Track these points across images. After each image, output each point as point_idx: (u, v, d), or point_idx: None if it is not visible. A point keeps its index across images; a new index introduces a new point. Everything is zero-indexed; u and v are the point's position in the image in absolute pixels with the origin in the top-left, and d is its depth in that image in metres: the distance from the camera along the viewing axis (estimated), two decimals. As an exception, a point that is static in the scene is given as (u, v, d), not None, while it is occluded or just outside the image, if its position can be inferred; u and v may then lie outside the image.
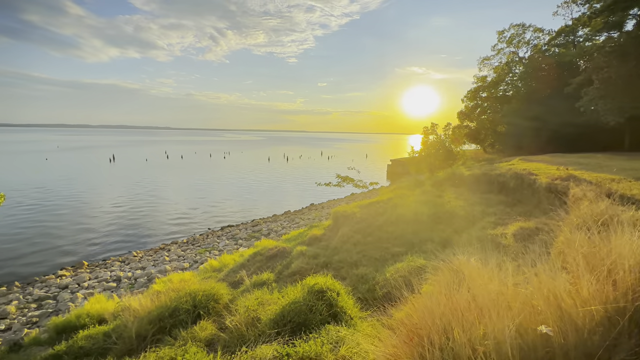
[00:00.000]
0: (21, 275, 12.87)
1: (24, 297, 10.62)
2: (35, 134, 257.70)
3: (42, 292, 10.82)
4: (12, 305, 9.86)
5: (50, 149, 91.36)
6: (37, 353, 7.04)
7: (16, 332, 8.46)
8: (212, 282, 7.18)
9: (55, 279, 12.14)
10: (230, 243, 15.90)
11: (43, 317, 9.29)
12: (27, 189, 31.25)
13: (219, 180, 40.51)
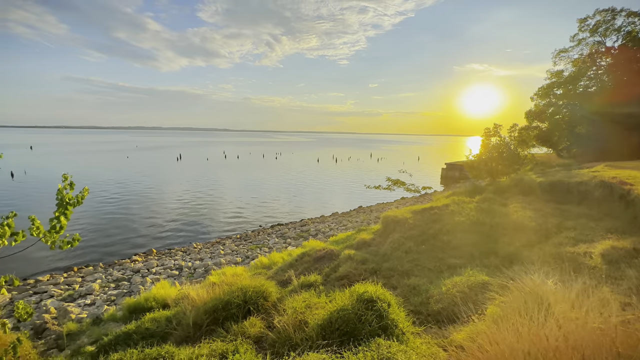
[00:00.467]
0: (104, 258, 14.89)
1: (105, 277, 12.23)
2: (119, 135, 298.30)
3: (119, 274, 12.34)
4: (96, 283, 11.40)
5: (130, 148, 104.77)
6: (113, 328, 7.97)
7: (98, 307, 9.72)
8: (261, 279, 7.39)
9: (130, 263, 13.79)
10: (280, 241, 16.37)
11: (119, 296, 10.54)
12: (112, 183, 36.18)
13: (270, 179, 42.26)
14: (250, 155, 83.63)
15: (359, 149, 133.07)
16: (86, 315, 9.26)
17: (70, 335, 8.12)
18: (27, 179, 37.61)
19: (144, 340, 5.83)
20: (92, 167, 52.43)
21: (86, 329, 8.23)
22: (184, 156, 74.75)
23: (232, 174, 46.88)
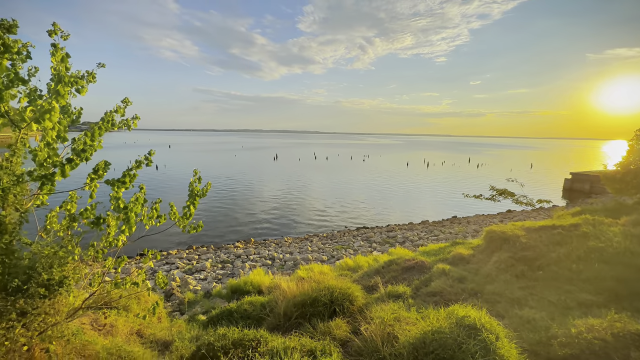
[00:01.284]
0: (214, 241, 17.53)
1: (215, 258, 14.33)
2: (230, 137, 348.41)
3: (225, 256, 14.31)
4: (208, 262, 13.47)
5: (237, 148, 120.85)
6: (219, 304, 9.20)
7: (209, 283, 11.43)
8: (347, 281, 7.37)
9: (233, 248, 15.84)
10: (365, 245, 16.21)
11: (224, 276, 12.18)
12: (222, 177, 42.43)
13: (357, 181, 42.42)
14: (339, 157, 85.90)
15: (455, 152, 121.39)
16: (200, 288, 11.00)
17: (189, 303, 9.77)
18: (166, 171, 47.46)
19: (242, 320, 6.50)
20: (208, 162, 62.69)
21: (199, 299, 9.77)
22: (279, 156, 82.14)
23: (321, 174, 48.99)
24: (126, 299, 6.07)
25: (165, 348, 5.54)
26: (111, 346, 4.28)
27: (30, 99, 2.79)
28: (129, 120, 3.56)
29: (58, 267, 2.34)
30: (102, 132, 3.33)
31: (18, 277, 2.19)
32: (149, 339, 5.79)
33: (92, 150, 2.92)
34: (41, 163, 2.93)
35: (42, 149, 2.97)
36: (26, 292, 2.22)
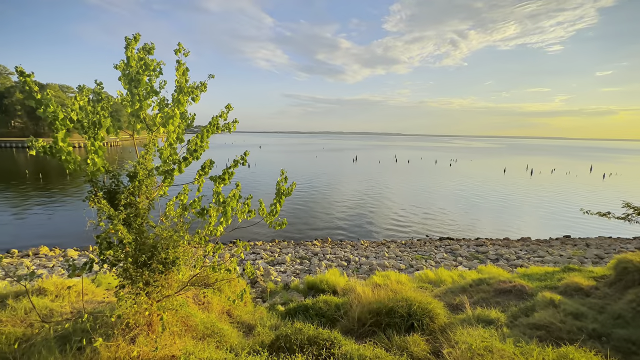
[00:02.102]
0: (294, 237, 18.59)
1: (294, 253, 15.17)
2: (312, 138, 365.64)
3: (303, 252, 15.01)
4: (288, 256, 14.33)
5: (319, 149, 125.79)
6: (296, 297, 9.65)
7: (288, 276, 12.14)
8: (427, 295, 6.83)
9: (311, 246, 16.49)
10: (449, 257, 14.80)
11: (302, 272, 12.76)
12: (304, 176, 44.75)
13: (441, 187, 39.19)
14: (422, 160, 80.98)
15: (570, 158, 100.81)
16: (280, 279, 11.78)
17: (270, 292, 10.55)
18: (256, 169, 52.67)
19: (317, 318, 6.65)
20: (292, 162, 67.01)
21: (279, 291, 10.46)
22: (359, 158, 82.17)
23: (401, 178, 46.97)
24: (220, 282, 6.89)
25: (249, 331, 6.08)
26: (207, 321, 4.91)
27: (160, 107, 3.39)
28: (230, 123, 4.00)
29: (173, 249, 2.77)
30: (209, 135, 3.83)
31: (145, 254, 2.68)
32: (236, 319, 6.44)
33: (202, 150, 3.38)
34: (165, 160, 3.53)
35: (166, 148, 3.57)
36: (149, 266, 2.70)
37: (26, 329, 3.49)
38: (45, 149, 2.87)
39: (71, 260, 2.83)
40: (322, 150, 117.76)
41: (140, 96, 3.05)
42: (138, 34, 3.02)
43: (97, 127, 2.75)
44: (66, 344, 3.12)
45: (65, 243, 16.92)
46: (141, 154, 3.19)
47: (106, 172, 2.83)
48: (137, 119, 3.12)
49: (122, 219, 2.63)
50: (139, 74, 2.99)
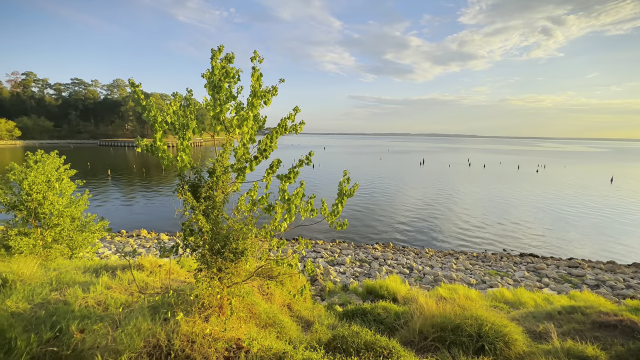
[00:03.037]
0: (354, 239, 18.48)
1: (354, 255, 15.08)
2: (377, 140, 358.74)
3: (363, 255, 14.82)
4: (347, 257, 14.33)
5: (383, 151, 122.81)
6: (354, 300, 9.58)
7: (347, 277, 12.14)
8: (502, 316, 6.09)
9: (372, 249, 16.18)
10: (531, 277, 12.93)
11: (361, 274, 12.62)
12: (367, 178, 44.18)
13: (524, 197, 34.44)
14: (500, 165, 72.46)
15: None
16: (339, 280, 11.85)
17: (329, 292, 10.69)
18: (320, 170, 54.00)
19: (375, 324, 6.49)
20: (355, 164, 66.77)
21: (338, 291, 10.52)
22: (426, 161, 77.62)
23: (474, 185, 42.78)
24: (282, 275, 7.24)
25: (307, 326, 6.24)
26: (269, 311, 5.20)
27: (236, 110, 3.73)
28: (297, 125, 4.17)
29: (242, 240, 3.02)
30: (277, 135, 4.06)
31: (219, 243, 2.98)
32: (295, 313, 6.69)
33: (271, 150, 3.60)
34: (239, 159, 3.86)
35: (240, 148, 3.90)
36: (222, 254, 2.99)
37: (128, 297, 4.19)
38: (147, 147, 3.41)
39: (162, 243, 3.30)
40: (386, 153, 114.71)
41: (221, 101, 3.41)
42: (222, 45, 3.38)
43: (185, 129, 3.17)
44: (156, 314, 3.64)
45: (159, 227, 19.86)
46: (219, 153, 3.55)
47: (191, 168, 3.24)
48: (218, 122, 3.50)
49: (202, 210, 2.98)
50: (221, 81, 3.35)
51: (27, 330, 3.00)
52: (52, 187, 8.75)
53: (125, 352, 2.65)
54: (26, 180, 8.26)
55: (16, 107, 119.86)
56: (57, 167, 9.15)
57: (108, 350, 2.71)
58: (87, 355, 2.70)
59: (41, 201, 8.47)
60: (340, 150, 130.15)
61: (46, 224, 8.71)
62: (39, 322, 3.20)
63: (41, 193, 8.46)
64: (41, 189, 8.47)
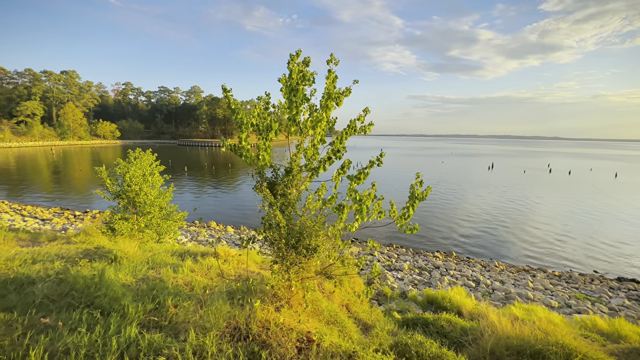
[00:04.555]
0: (413, 246, 17.67)
1: (412, 261, 14.44)
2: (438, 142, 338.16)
3: (423, 263, 14.09)
4: (406, 264, 13.78)
5: (446, 154, 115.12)
6: (413, 308, 9.19)
7: (405, 284, 11.68)
8: (596, 348, 5.26)
9: (432, 257, 15.30)
10: (634, 306, 10.82)
11: (420, 283, 12.02)
12: (426, 182, 41.92)
13: (622, 211, 28.94)
14: (591, 173, 62.04)
15: None
16: (397, 286, 11.46)
17: (385, 296, 10.43)
18: (378, 171, 52.87)
19: (438, 337, 6.13)
20: (414, 166, 63.83)
21: (395, 297, 10.20)
22: (496, 165, 70.43)
23: (556, 194, 37.39)
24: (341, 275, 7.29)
25: (365, 329, 6.18)
26: (331, 309, 5.29)
27: (310, 112, 3.88)
28: (366, 126, 4.17)
29: (315, 237, 3.13)
30: (347, 137, 4.11)
31: (294, 238, 3.14)
32: (353, 314, 6.68)
33: (345, 150, 3.67)
34: (309, 159, 4.01)
35: (309, 148, 4.05)
36: (297, 249, 3.14)
37: (208, 281, 4.67)
38: (232, 146, 3.75)
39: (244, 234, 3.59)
40: (449, 155, 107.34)
41: (297, 103, 3.59)
42: (299, 50, 3.56)
43: (269, 130, 3.42)
44: (232, 299, 3.98)
45: (226, 220, 21.67)
46: (293, 153, 3.73)
47: (270, 167, 3.48)
48: (294, 123, 3.69)
49: (279, 206, 3.17)
50: (298, 84, 3.53)
51: (135, 300, 3.55)
52: (146, 180, 10.20)
53: (212, 330, 2.96)
54: (128, 174, 9.77)
55: (117, 112, 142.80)
56: (150, 163, 10.64)
57: (197, 326, 3.06)
58: (181, 328, 3.08)
59: (138, 192, 9.93)
60: (398, 151, 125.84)
61: (140, 211, 10.18)
62: (143, 295, 3.76)
63: (138, 185, 9.92)
64: (138, 181, 9.94)
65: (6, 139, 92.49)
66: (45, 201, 27.52)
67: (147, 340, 2.71)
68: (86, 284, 3.75)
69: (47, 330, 2.89)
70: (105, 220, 9.93)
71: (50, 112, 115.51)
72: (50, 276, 4.16)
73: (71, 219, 20.35)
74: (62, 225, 18.35)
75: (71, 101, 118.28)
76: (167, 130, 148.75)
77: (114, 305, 3.36)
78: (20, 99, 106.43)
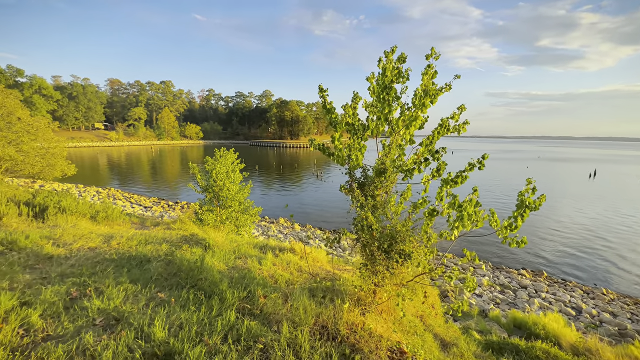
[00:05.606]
0: (491, 259, 15.84)
1: (492, 277, 12.94)
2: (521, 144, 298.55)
3: (505, 280, 12.50)
4: (485, 279, 12.41)
5: (532, 157, 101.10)
6: (496, 330, 8.21)
7: (484, 302, 10.52)
8: None
9: (517, 275, 13.48)
10: None
11: (503, 302, 10.68)
12: (504, 189, 37.30)
13: None
14: None
15: None
16: (474, 302, 10.39)
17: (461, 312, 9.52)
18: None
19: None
20: (491, 170, 57.43)
21: (474, 315, 9.23)
22: (599, 173, 59.04)
23: (692, 211, 29.55)
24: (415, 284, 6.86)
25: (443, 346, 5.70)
26: (410, 319, 5.01)
27: (401, 110, 3.69)
28: (460, 125, 3.80)
29: (408, 243, 2.95)
30: (438, 137, 3.80)
31: (386, 242, 3.01)
32: (428, 328, 6.23)
33: (444, 152, 3.40)
34: (392, 159, 3.82)
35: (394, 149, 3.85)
36: (388, 254, 3.00)
37: (289, 275, 4.83)
38: (319, 145, 3.79)
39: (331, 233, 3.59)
40: (536, 160, 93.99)
41: (390, 102, 3.46)
42: (395, 46, 3.42)
43: (365, 129, 3.37)
44: (314, 296, 4.03)
45: (294, 218, 22.59)
46: (382, 153, 3.59)
47: (360, 167, 3.42)
48: (385, 122, 3.56)
49: (370, 207, 3.08)
50: (392, 81, 3.39)
51: (230, 286, 3.85)
52: (229, 177, 11.19)
53: (301, 325, 3.01)
54: (214, 170, 10.85)
55: (201, 115, 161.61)
56: (232, 161, 11.64)
57: (287, 319, 3.15)
58: (272, 319, 3.21)
59: (222, 187, 10.95)
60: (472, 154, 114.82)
61: (223, 204, 11.20)
62: (235, 282, 4.06)
63: (222, 180, 10.94)
64: (222, 177, 10.96)
65: (120, 139, 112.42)
66: (146, 191, 32.54)
67: (245, 327, 2.88)
68: (190, 267, 4.21)
69: (164, 304, 3.30)
70: (195, 210, 11.19)
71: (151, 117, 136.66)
72: (160, 256, 4.80)
73: (166, 208, 23.63)
74: (159, 213, 21.43)
75: (167, 107, 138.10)
76: (241, 132, 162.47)
77: (213, 289, 3.68)
78: (130, 105, 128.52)
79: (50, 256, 4.53)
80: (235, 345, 2.67)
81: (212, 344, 2.62)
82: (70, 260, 4.43)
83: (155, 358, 2.44)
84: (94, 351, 2.43)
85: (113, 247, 5.19)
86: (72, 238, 5.48)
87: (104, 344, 2.51)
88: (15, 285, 3.46)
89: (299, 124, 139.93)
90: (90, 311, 3.01)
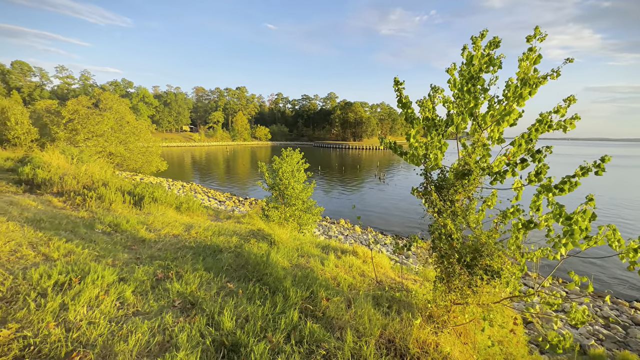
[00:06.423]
0: (595, 286, 13.16)
1: (592, 307, 10.75)
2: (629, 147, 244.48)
3: (613, 314, 10.23)
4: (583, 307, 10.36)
5: None
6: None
7: (581, 335, 8.77)
8: None
9: (628, 308, 10.93)
10: None
11: (608, 338, 8.75)
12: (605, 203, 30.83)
13: None
14: None
15: None
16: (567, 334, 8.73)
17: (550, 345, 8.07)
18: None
19: None
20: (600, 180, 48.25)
21: (567, 349, 7.75)
22: None
23: None
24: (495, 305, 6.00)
25: (529, 381, 4.86)
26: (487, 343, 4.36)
27: (489, 104, 3.20)
28: (567, 120, 3.12)
29: (496, 258, 2.51)
30: (537, 134, 3.19)
31: (469, 254, 2.61)
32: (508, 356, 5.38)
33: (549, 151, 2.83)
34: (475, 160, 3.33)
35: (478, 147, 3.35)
36: (471, 269, 2.60)
37: (352, 279, 4.64)
38: (390, 144, 3.53)
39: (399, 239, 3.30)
40: None
41: (476, 94, 3.02)
42: (486, 29, 2.98)
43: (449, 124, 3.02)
44: (378, 305, 3.76)
45: (352, 219, 22.34)
46: (465, 153, 3.15)
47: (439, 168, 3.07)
48: (470, 117, 3.13)
49: (449, 214, 2.71)
50: (481, 70, 2.95)
51: (293, 284, 3.85)
52: (294, 176, 11.52)
53: (366, 336, 2.80)
54: (281, 169, 11.29)
55: (270, 118, 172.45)
56: (297, 161, 11.96)
57: (350, 326, 2.97)
58: (334, 324, 3.06)
59: (287, 185, 11.32)
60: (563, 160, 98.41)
61: (287, 202, 11.57)
62: (298, 281, 4.04)
63: (287, 179, 11.31)
64: (288, 176, 11.33)
65: (202, 140, 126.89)
66: (220, 187, 35.89)
67: (308, 329, 2.80)
68: (256, 261, 4.35)
69: (232, 295, 3.43)
70: (262, 207, 11.81)
71: (227, 119, 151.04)
72: (231, 248, 5.09)
73: (237, 203, 25.67)
74: (231, 207, 23.38)
75: (240, 110, 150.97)
76: (306, 133, 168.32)
77: (277, 286, 3.71)
78: (211, 110, 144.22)
79: (143, 239, 5.17)
80: (298, 347, 2.60)
81: (275, 342, 2.60)
82: (158, 244, 4.99)
83: (222, 347, 2.51)
84: (172, 332, 2.61)
85: (192, 235, 5.70)
86: (160, 225, 6.20)
87: (180, 325, 2.68)
88: (116, 262, 4.00)
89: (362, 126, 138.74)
90: (171, 293, 3.28)
